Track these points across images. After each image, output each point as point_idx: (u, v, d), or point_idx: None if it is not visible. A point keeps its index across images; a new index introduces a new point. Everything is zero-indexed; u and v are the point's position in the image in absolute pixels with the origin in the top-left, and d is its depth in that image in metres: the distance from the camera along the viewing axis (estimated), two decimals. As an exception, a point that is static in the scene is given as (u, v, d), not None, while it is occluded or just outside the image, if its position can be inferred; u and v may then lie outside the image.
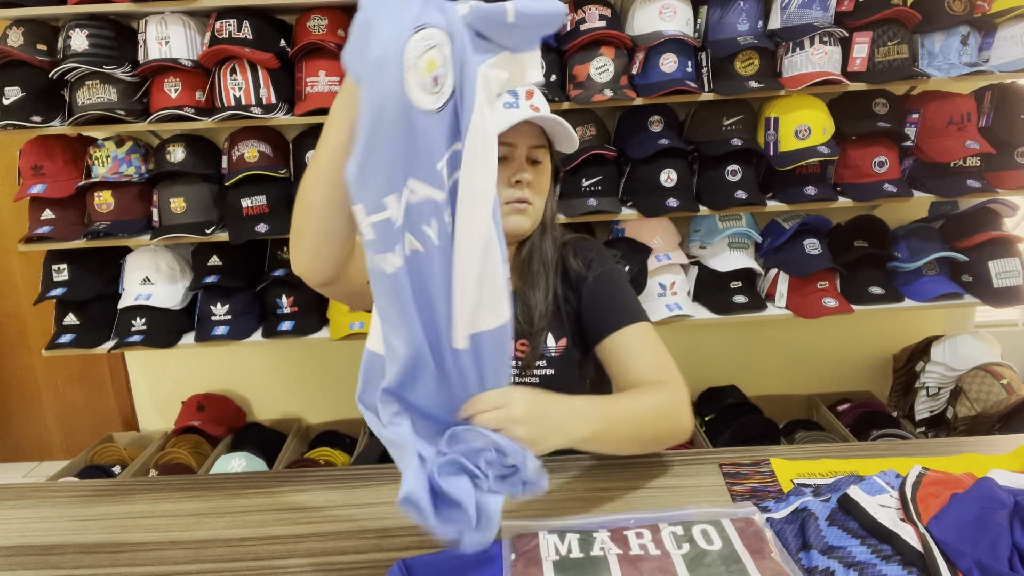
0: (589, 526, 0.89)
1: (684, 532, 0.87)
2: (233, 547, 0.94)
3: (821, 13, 1.97)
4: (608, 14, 1.97)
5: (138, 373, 2.63)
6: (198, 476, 1.81)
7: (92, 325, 2.14)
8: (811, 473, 1.05)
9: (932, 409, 2.34)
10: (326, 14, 2.00)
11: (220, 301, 2.12)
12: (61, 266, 2.12)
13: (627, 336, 1.12)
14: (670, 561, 0.82)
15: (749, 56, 1.98)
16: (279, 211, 2.06)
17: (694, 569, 0.81)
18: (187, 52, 1.96)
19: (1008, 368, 2.26)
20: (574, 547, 0.85)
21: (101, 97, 1.94)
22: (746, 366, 2.60)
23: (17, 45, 1.96)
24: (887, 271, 2.20)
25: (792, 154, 2.02)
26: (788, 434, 2.36)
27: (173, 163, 2.03)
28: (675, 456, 1.13)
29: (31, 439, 2.81)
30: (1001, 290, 2.09)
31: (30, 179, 2.05)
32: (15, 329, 2.69)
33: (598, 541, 0.86)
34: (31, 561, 0.94)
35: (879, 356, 2.62)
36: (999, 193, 2.08)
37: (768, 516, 0.91)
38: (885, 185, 2.06)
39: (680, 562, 0.82)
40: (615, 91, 1.93)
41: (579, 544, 0.86)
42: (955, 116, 2.04)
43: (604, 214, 2.04)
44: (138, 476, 2.22)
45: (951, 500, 0.86)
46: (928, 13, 2.00)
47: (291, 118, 1.97)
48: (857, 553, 0.82)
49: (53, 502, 1.09)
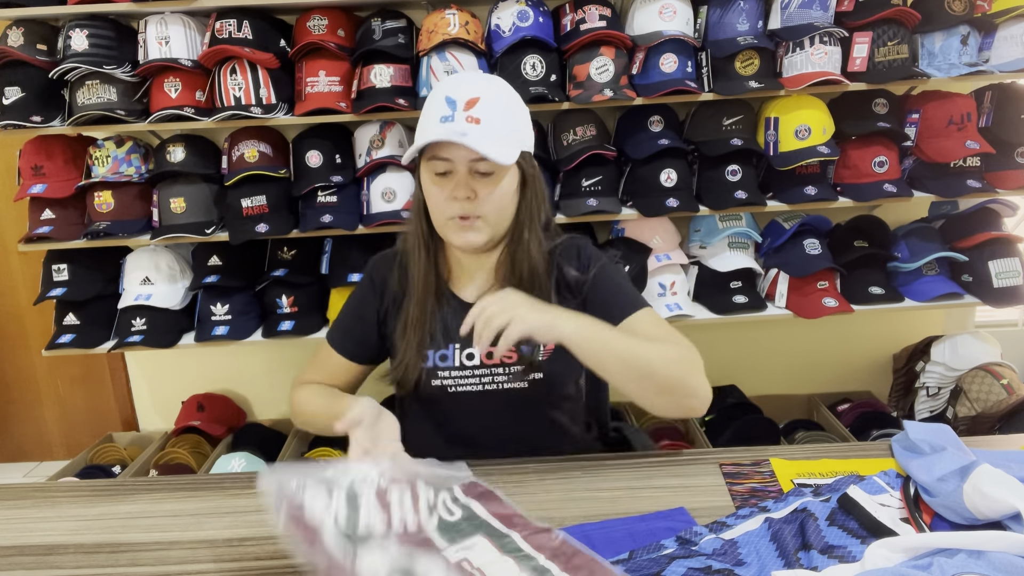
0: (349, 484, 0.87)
1: (433, 501, 0.90)
2: (233, 547, 0.95)
3: (821, 13, 1.97)
4: (608, 14, 1.97)
5: (138, 373, 2.63)
6: (198, 476, 1.81)
7: (92, 325, 2.14)
8: (811, 473, 1.05)
9: (932, 409, 2.34)
10: (326, 14, 2.00)
11: (220, 301, 2.12)
12: (61, 266, 2.12)
13: (633, 323, 1.12)
14: (427, 536, 0.86)
15: (749, 56, 1.98)
16: (279, 211, 2.06)
17: (446, 535, 0.86)
18: (187, 52, 1.96)
19: (1008, 368, 2.26)
20: (341, 507, 0.84)
21: (101, 97, 1.94)
22: (746, 366, 2.60)
23: (17, 45, 1.96)
24: (887, 271, 2.20)
25: (792, 154, 2.02)
26: (788, 434, 2.36)
27: (173, 163, 2.03)
28: (675, 456, 1.13)
29: (31, 439, 2.81)
30: (1001, 290, 2.09)
31: (30, 179, 2.05)
32: (15, 329, 2.69)
33: (364, 503, 0.85)
34: (31, 561, 0.95)
35: (879, 356, 2.62)
36: (999, 193, 2.08)
37: (768, 516, 0.91)
38: (885, 185, 2.06)
39: (435, 534, 0.86)
40: (615, 91, 1.93)
41: (347, 503, 0.84)
42: (955, 116, 2.04)
43: (604, 214, 2.04)
44: (138, 476, 2.23)
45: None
46: (928, 13, 1.99)
47: (291, 118, 1.97)
48: (857, 553, 0.82)
49: (53, 502, 1.09)
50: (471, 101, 1.05)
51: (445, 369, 1.18)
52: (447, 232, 1.13)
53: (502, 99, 1.10)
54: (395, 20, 2.02)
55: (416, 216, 1.18)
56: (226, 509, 1.04)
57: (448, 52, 1.92)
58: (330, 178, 2.03)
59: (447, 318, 1.19)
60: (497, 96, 1.09)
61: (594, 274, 1.18)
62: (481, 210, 1.09)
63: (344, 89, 1.99)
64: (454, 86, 1.09)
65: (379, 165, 2.04)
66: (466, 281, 1.22)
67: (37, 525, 1.03)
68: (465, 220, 1.09)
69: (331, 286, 2.14)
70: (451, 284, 1.23)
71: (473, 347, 1.16)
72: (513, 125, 1.10)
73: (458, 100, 1.06)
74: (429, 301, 1.18)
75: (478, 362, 1.17)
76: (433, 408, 1.22)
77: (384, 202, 2.06)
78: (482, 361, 1.17)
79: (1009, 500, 0.81)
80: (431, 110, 1.09)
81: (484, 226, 1.11)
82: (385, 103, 1.92)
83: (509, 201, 1.13)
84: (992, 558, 0.72)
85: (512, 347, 1.14)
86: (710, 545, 0.86)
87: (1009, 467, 0.88)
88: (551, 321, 0.97)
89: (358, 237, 2.09)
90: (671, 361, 1.02)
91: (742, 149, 2.02)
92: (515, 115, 1.11)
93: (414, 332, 1.17)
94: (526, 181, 1.15)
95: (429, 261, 1.18)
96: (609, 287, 1.18)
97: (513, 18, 1.95)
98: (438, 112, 1.07)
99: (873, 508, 0.88)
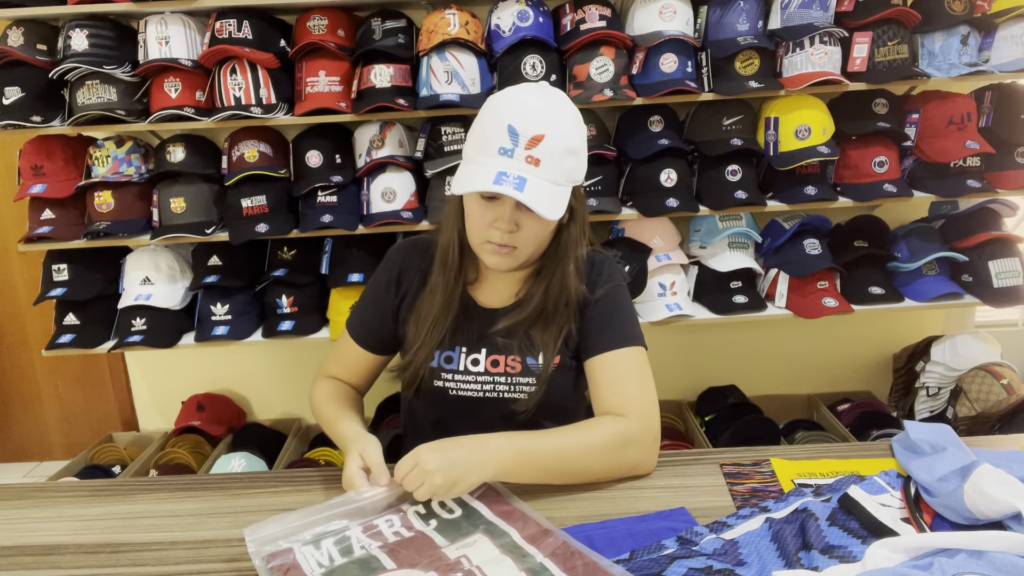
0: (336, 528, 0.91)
1: (426, 510, 0.96)
2: (233, 547, 0.95)
3: (821, 13, 1.97)
4: (608, 14, 1.97)
5: (138, 373, 2.63)
6: (198, 476, 1.81)
7: (92, 325, 2.14)
8: (811, 473, 1.05)
9: (932, 409, 2.34)
10: (326, 14, 2.00)
11: (220, 301, 2.12)
12: (61, 266, 2.12)
13: (614, 360, 1.12)
14: (426, 536, 0.90)
15: (749, 56, 1.98)
16: (279, 211, 2.06)
17: (447, 533, 0.91)
18: (187, 52, 1.96)
19: (1008, 368, 2.26)
20: (335, 555, 0.87)
21: (101, 97, 1.94)
22: (746, 366, 2.60)
23: (17, 45, 1.96)
24: (887, 271, 2.20)
25: (792, 154, 2.02)
26: (788, 434, 2.36)
27: (173, 163, 2.03)
28: (675, 456, 1.13)
29: (31, 439, 2.81)
30: (1001, 290, 2.09)
31: (30, 179, 2.05)
32: (15, 329, 2.69)
33: (355, 540, 0.89)
34: (31, 561, 0.94)
35: (879, 356, 2.62)
36: (999, 193, 2.08)
37: (768, 516, 0.91)
38: (885, 185, 2.06)
39: (435, 534, 0.91)
40: (615, 91, 1.93)
41: (339, 550, 0.87)
42: (955, 116, 2.04)
43: (604, 214, 2.04)
44: (138, 476, 2.22)
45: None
46: (928, 13, 1.99)
47: (291, 118, 1.97)
48: (858, 553, 0.82)
49: (53, 502, 1.09)
50: (535, 139, 1.01)
51: (449, 371, 1.18)
52: (481, 251, 1.12)
53: (568, 137, 1.04)
54: (395, 20, 2.02)
55: (453, 221, 1.16)
56: (226, 509, 1.04)
57: (448, 52, 1.92)
58: (330, 178, 2.03)
59: (460, 321, 1.19)
60: (563, 134, 1.04)
61: (599, 296, 1.17)
62: (519, 241, 1.08)
63: (344, 89, 1.99)
64: (519, 115, 1.02)
65: (379, 165, 2.04)
66: (488, 288, 1.22)
67: (37, 525, 1.03)
68: (503, 248, 1.09)
69: (331, 286, 2.14)
70: (471, 288, 1.22)
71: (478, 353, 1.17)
72: (572, 165, 1.07)
73: (522, 134, 1.01)
74: (453, 307, 1.18)
75: (482, 368, 1.17)
76: (432, 408, 1.21)
77: (384, 202, 2.06)
78: (486, 368, 1.17)
79: (1009, 500, 0.81)
80: (491, 136, 1.04)
81: (519, 255, 1.11)
82: (385, 103, 1.92)
83: (548, 235, 1.13)
84: (992, 558, 0.72)
85: (516, 357, 1.14)
86: (711, 545, 0.86)
87: (1009, 467, 0.89)
88: (457, 481, 0.94)
89: (358, 237, 2.09)
90: (607, 453, 1.04)
91: (742, 149, 2.02)
92: (576, 154, 1.07)
93: (431, 333, 1.17)
94: (573, 215, 1.14)
95: (460, 268, 1.18)
96: (607, 313, 1.17)
97: (513, 18, 1.95)
98: (497, 141, 1.02)
99: (874, 508, 0.88)
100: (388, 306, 1.24)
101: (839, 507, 0.90)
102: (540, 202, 1.01)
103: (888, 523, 0.86)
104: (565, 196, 1.06)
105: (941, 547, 0.76)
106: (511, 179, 1.00)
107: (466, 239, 1.14)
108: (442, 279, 1.18)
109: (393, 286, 1.24)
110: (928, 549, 0.77)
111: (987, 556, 0.72)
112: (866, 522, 0.87)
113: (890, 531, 0.85)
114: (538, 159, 1.02)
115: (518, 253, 1.10)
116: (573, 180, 1.08)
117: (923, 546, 0.77)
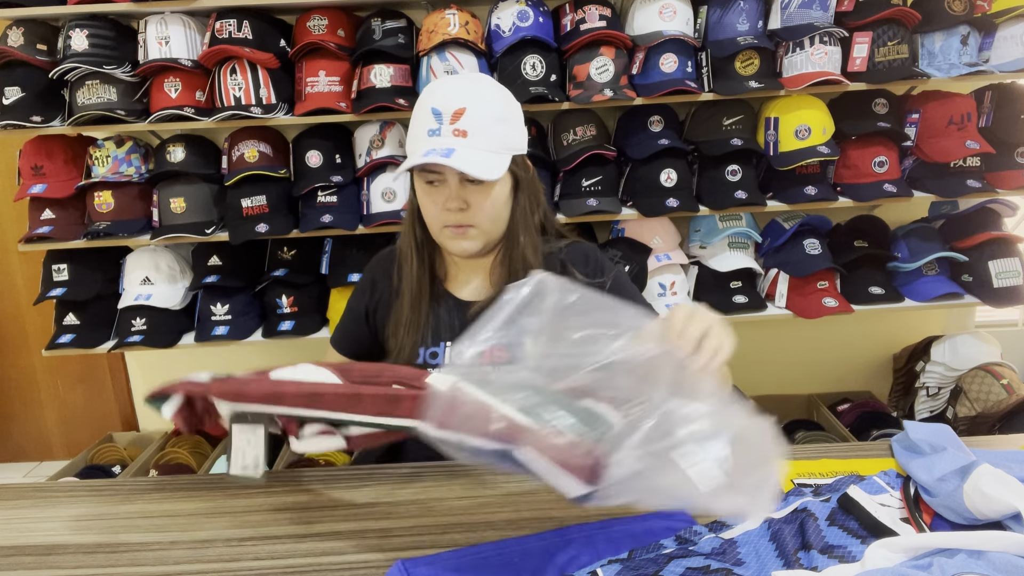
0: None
1: None
2: (233, 547, 0.94)
3: (821, 13, 1.97)
4: (608, 14, 1.97)
5: (138, 373, 2.63)
6: (198, 476, 1.81)
7: (92, 325, 2.14)
8: (811, 473, 1.05)
9: (932, 409, 2.34)
10: (326, 14, 2.00)
11: (220, 301, 2.12)
12: (61, 266, 2.12)
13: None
14: None
15: (749, 56, 1.98)
16: (279, 211, 2.06)
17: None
18: (187, 52, 1.96)
19: (1008, 368, 2.26)
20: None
21: (101, 97, 1.94)
22: (746, 366, 2.58)
23: (17, 45, 1.96)
24: (887, 271, 2.20)
25: (792, 154, 2.02)
26: (788, 434, 2.36)
27: (173, 163, 2.03)
28: (675, 456, 1.12)
29: (31, 439, 2.81)
30: (1001, 290, 2.09)
31: (30, 179, 2.05)
32: (15, 329, 2.69)
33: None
34: (31, 561, 0.94)
35: (879, 356, 2.62)
36: (999, 193, 2.08)
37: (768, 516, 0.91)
38: (885, 185, 2.06)
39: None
40: (615, 91, 1.93)
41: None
42: (955, 116, 2.04)
43: (604, 214, 2.04)
44: (138, 476, 2.22)
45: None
46: (928, 13, 1.99)
47: (291, 118, 1.97)
48: (857, 553, 0.82)
49: (53, 502, 1.09)
50: (457, 113, 1.04)
51: (434, 367, 1.18)
52: (442, 239, 1.14)
53: (490, 106, 1.07)
54: (395, 20, 2.02)
55: (410, 220, 1.19)
56: (226, 509, 1.04)
57: (448, 52, 1.92)
58: (330, 178, 2.03)
59: (441, 317, 1.20)
60: (484, 104, 1.06)
61: (614, 279, 1.20)
62: (474, 219, 1.10)
63: (344, 89, 1.99)
64: (440, 96, 1.06)
65: (379, 165, 2.04)
66: (463, 281, 1.23)
67: (37, 525, 1.03)
68: (459, 229, 1.10)
69: (331, 286, 2.14)
70: (447, 283, 1.23)
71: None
72: (502, 132, 1.08)
73: (444, 112, 1.04)
74: (423, 303, 1.19)
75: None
76: None
77: (384, 202, 2.06)
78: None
79: (1009, 500, 0.81)
80: (418, 122, 1.08)
81: (478, 234, 1.12)
82: (385, 103, 1.92)
83: (502, 207, 1.13)
84: (992, 558, 0.72)
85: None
86: (709, 544, 0.86)
87: (1009, 467, 0.88)
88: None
89: (358, 237, 2.09)
90: None
91: (742, 149, 2.02)
92: (504, 121, 1.08)
93: (407, 333, 1.18)
94: (520, 185, 1.15)
95: (423, 265, 1.19)
96: (629, 294, 1.20)
97: (513, 18, 1.95)
98: (425, 125, 1.06)
99: (873, 508, 0.88)
100: (363, 308, 1.27)
101: (838, 507, 0.90)
102: (471, 165, 1.02)
103: (887, 523, 0.86)
104: (503, 162, 1.07)
105: (940, 547, 0.76)
106: (439, 151, 1.02)
107: (428, 235, 1.17)
108: (406, 279, 1.19)
109: (367, 292, 1.27)
110: (927, 549, 0.77)
111: (987, 556, 0.72)
112: (865, 522, 0.87)
113: (889, 531, 0.85)
114: (464, 131, 1.04)
115: (476, 232, 1.11)
116: (512, 148, 1.09)
117: (922, 546, 0.77)
